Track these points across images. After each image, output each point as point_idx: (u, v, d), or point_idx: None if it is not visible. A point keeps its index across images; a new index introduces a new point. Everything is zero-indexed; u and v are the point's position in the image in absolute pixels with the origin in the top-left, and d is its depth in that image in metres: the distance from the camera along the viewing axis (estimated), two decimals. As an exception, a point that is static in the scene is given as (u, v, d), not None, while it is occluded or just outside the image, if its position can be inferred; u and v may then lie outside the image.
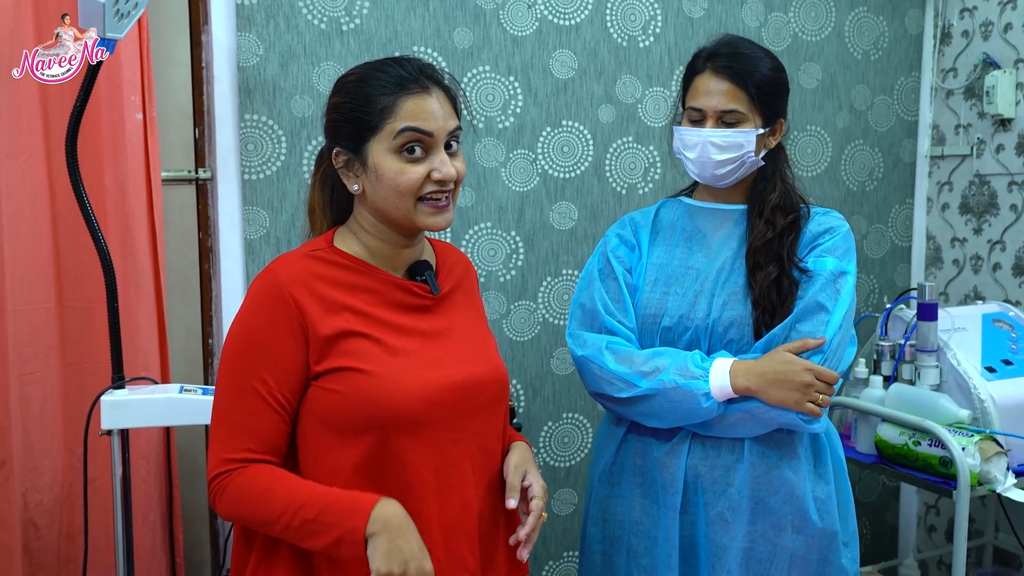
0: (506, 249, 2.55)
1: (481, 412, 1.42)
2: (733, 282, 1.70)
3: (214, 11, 2.25)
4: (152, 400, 1.90)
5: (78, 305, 2.17)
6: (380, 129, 1.33)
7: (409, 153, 1.33)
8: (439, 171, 1.34)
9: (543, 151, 2.55)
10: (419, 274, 1.43)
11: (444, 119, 1.35)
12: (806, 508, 1.67)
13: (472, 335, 1.48)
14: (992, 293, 2.82)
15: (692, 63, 1.74)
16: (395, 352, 1.34)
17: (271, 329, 1.32)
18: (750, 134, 1.67)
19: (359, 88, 1.36)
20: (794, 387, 1.57)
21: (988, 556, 2.79)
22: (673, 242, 1.79)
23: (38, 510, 2.14)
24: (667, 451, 1.70)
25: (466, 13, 2.44)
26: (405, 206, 1.34)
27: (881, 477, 3.01)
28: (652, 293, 1.74)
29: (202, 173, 2.35)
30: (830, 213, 1.76)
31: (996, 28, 2.76)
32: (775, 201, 1.71)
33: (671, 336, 1.72)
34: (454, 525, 1.36)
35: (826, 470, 1.72)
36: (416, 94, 1.34)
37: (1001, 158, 2.77)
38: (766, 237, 1.68)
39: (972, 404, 2.26)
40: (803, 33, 2.80)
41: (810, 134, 2.84)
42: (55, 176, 2.12)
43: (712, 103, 1.67)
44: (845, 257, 1.69)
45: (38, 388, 2.12)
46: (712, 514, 1.68)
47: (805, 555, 1.67)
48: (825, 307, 1.63)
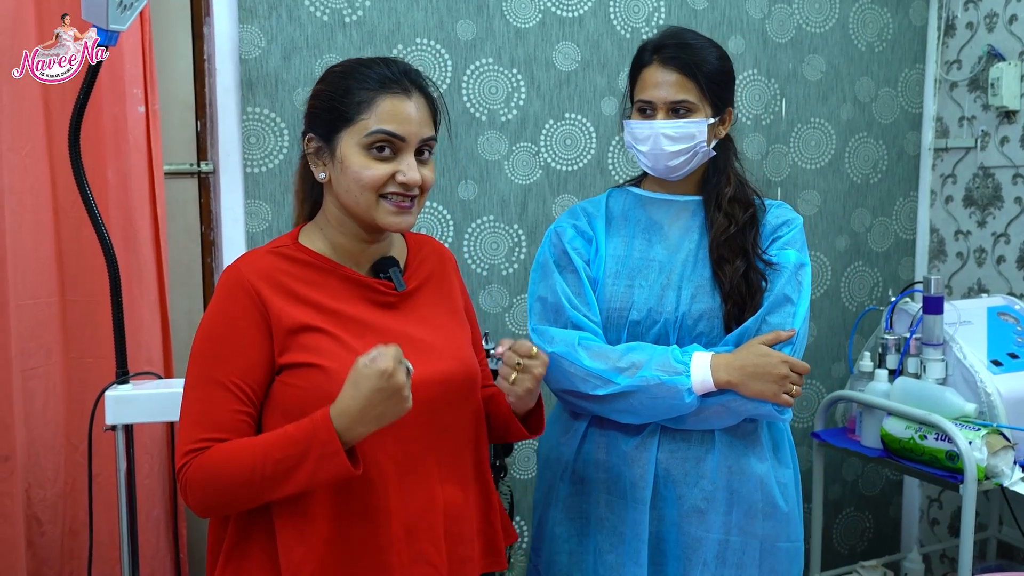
0: (508, 242, 2.54)
1: (448, 409, 1.41)
2: (699, 275, 1.70)
3: (216, 3, 2.23)
4: (156, 395, 1.89)
5: (80, 299, 2.16)
6: (353, 122, 1.34)
7: (378, 151, 1.34)
8: (404, 174, 1.34)
9: (546, 144, 2.54)
10: (383, 271, 1.43)
11: (419, 125, 1.36)
12: (773, 494, 1.70)
13: (440, 331, 1.46)
14: (996, 286, 2.81)
15: (638, 56, 1.73)
16: (354, 349, 1.31)
17: (235, 321, 1.32)
18: (701, 124, 1.67)
19: (342, 79, 1.38)
20: (772, 379, 1.59)
21: (992, 549, 2.79)
22: (630, 234, 1.77)
23: (41, 505, 2.13)
24: (636, 445, 1.69)
25: (469, 5, 2.43)
26: (366, 201, 1.34)
27: (884, 471, 3.01)
28: (616, 286, 1.73)
29: (204, 166, 2.33)
30: (782, 205, 1.78)
31: (1001, 20, 2.75)
32: (731, 193, 1.72)
33: (639, 330, 1.71)
34: (416, 520, 1.36)
35: (784, 454, 1.76)
36: (395, 95, 1.35)
37: (1006, 150, 2.76)
38: (729, 231, 1.69)
39: (978, 398, 2.26)
40: (807, 25, 2.78)
41: (814, 126, 2.83)
42: (57, 170, 2.10)
43: (661, 94, 1.66)
44: (803, 249, 1.72)
45: (41, 383, 2.11)
46: (686, 507, 1.68)
47: (774, 541, 1.70)
48: (791, 299, 1.66)
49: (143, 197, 2.17)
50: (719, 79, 1.70)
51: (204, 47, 2.29)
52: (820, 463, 2.55)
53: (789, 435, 1.80)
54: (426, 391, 1.35)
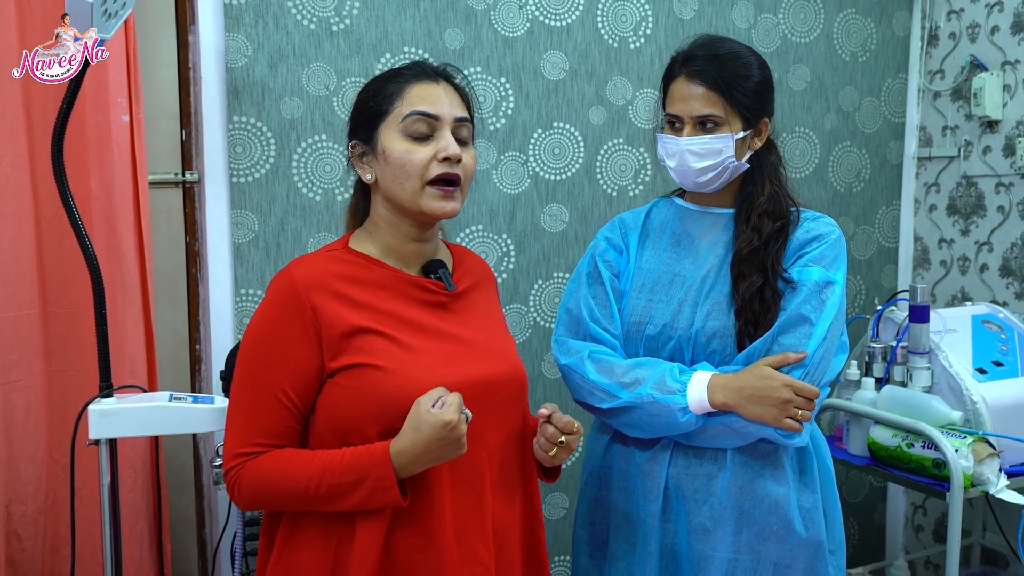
0: (497, 252, 2.52)
1: (498, 409, 1.42)
2: (718, 291, 1.67)
3: (201, 11, 2.21)
4: (141, 409, 1.86)
5: (62, 311, 2.13)
6: (389, 113, 1.39)
7: (417, 135, 1.38)
8: (445, 149, 1.37)
9: (534, 153, 2.53)
10: (433, 271, 1.45)
11: (450, 106, 1.40)
12: (790, 518, 1.65)
13: (490, 333, 1.49)
14: (979, 294, 2.83)
15: (669, 68, 1.70)
16: (410, 349, 1.35)
17: (283, 328, 1.34)
18: (727, 139, 1.63)
19: (374, 84, 1.45)
20: (772, 403, 1.54)
21: (976, 555, 2.80)
22: (661, 246, 1.76)
23: (22, 521, 2.10)
24: (648, 458, 1.69)
25: (457, 14, 2.42)
26: (412, 187, 1.37)
27: (869, 478, 3.02)
28: (637, 300, 1.72)
29: (189, 176, 2.31)
30: (821, 219, 1.71)
31: (983, 30, 2.77)
32: (763, 206, 1.66)
33: (654, 345, 1.69)
34: (467, 520, 1.37)
35: (812, 479, 1.69)
36: (422, 81, 1.41)
37: (988, 160, 2.78)
38: (752, 245, 1.64)
39: (964, 406, 2.27)
40: (792, 35, 2.80)
41: (798, 135, 2.84)
42: (39, 179, 2.07)
43: (688, 109, 1.64)
44: (833, 266, 1.63)
45: (22, 396, 2.08)
46: (694, 523, 1.66)
47: (790, 564, 1.65)
48: (808, 319, 1.58)
49: (127, 207, 2.14)
50: (751, 91, 1.64)
51: (189, 55, 2.27)
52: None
53: (824, 458, 1.74)
54: (479, 391, 1.37)
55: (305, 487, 1.30)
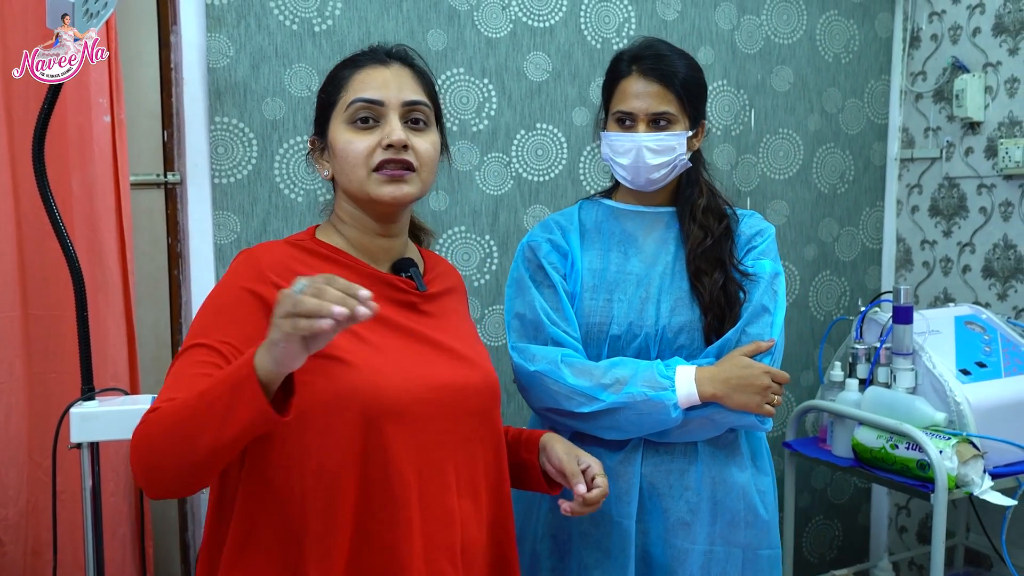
0: (480, 253, 2.52)
1: (469, 418, 1.35)
2: (677, 287, 1.70)
3: (183, 11, 2.19)
4: (124, 412, 1.85)
5: (43, 313, 2.11)
6: (336, 104, 1.35)
7: (362, 123, 1.32)
8: (388, 137, 1.31)
9: (517, 154, 2.53)
10: (404, 270, 1.40)
11: (398, 89, 1.34)
12: (754, 503, 1.70)
13: (462, 339, 1.42)
14: (962, 295, 2.84)
15: (615, 66, 1.72)
16: (377, 347, 1.28)
17: (240, 297, 1.26)
18: (681, 136, 1.67)
19: (330, 73, 1.40)
20: (755, 391, 1.61)
21: (959, 556, 2.81)
22: (605, 247, 1.76)
23: (3, 525, 2.08)
24: (620, 460, 1.68)
25: (440, 15, 2.41)
26: (358, 177, 1.32)
27: (852, 479, 3.03)
28: (594, 300, 1.72)
29: (171, 177, 2.29)
30: (754, 215, 1.79)
31: (965, 32, 2.78)
32: (704, 204, 1.72)
33: (619, 344, 1.70)
34: (435, 535, 1.29)
35: (763, 462, 1.77)
36: (369, 66, 1.35)
37: (970, 161, 2.79)
38: (705, 244, 1.70)
39: (948, 407, 2.28)
40: (775, 36, 2.80)
41: (782, 137, 2.85)
42: (19, 180, 2.05)
43: (642, 106, 1.66)
44: (776, 258, 1.73)
45: (3, 399, 2.06)
46: (672, 520, 1.67)
47: (756, 549, 1.70)
48: (768, 309, 1.67)
49: (109, 208, 2.12)
50: (696, 91, 1.70)
51: (171, 56, 2.25)
52: (792, 473, 2.55)
53: (766, 443, 1.81)
54: (448, 395, 1.32)
55: (183, 409, 1.11)
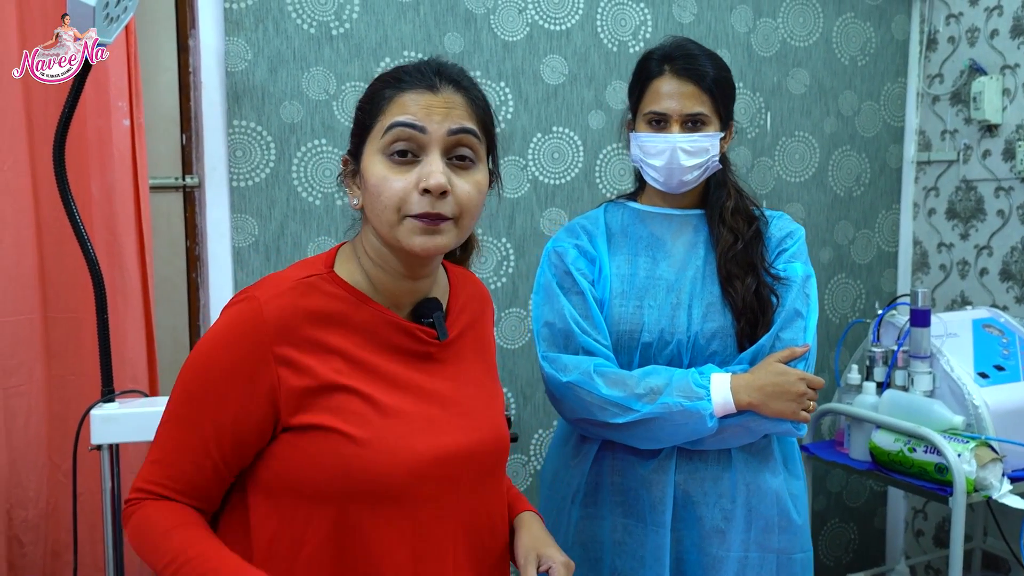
0: (497, 256, 2.52)
1: (474, 485, 1.25)
2: (708, 292, 1.67)
3: (202, 15, 2.21)
4: (142, 414, 1.85)
5: (63, 316, 2.12)
6: (373, 127, 1.17)
7: (400, 156, 1.14)
8: (426, 179, 1.12)
9: (533, 157, 2.53)
10: (426, 315, 1.24)
11: (445, 116, 1.15)
12: (787, 508, 1.68)
13: (476, 392, 1.30)
14: (979, 298, 2.83)
15: (644, 66, 1.69)
16: (385, 412, 1.17)
17: (234, 367, 1.14)
18: (714, 137, 1.65)
19: (373, 84, 1.22)
20: (791, 397, 1.57)
21: (977, 560, 2.80)
22: (633, 251, 1.72)
23: (23, 526, 2.09)
24: (653, 468, 1.66)
25: (457, 18, 2.42)
26: (388, 220, 1.15)
27: (868, 482, 3.02)
28: (624, 307, 1.68)
29: (189, 180, 2.30)
30: (783, 216, 1.76)
31: (982, 34, 2.77)
32: (732, 206, 1.70)
33: (651, 352, 1.66)
34: None
35: (795, 466, 1.74)
36: (416, 89, 1.16)
37: (988, 163, 2.78)
38: (736, 247, 1.67)
39: (966, 410, 2.27)
40: (791, 39, 2.80)
41: (798, 139, 2.85)
42: (39, 184, 2.06)
43: (676, 106, 1.63)
44: (807, 261, 1.70)
45: (23, 401, 2.07)
46: (708, 526, 1.66)
47: (790, 553, 1.68)
48: (801, 313, 1.64)
49: (128, 212, 2.13)
50: (727, 92, 1.68)
51: (190, 59, 2.27)
52: (809, 476, 2.54)
53: (797, 447, 1.79)
54: (454, 467, 1.21)
55: (166, 564, 1.11)
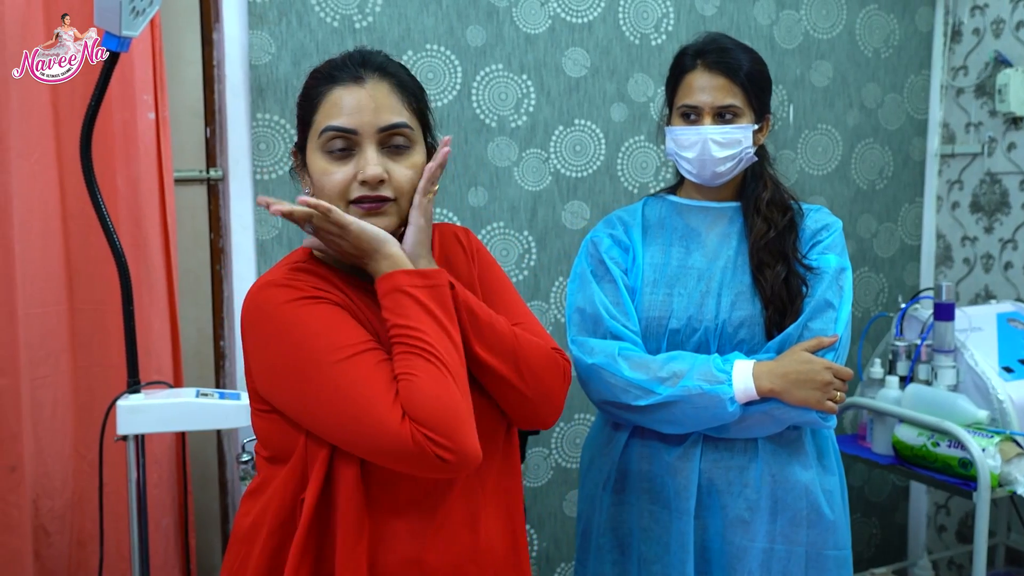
0: (519, 249, 2.52)
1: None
2: (739, 281, 1.69)
3: (226, 8, 2.21)
4: (169, 405, 1.87)
5: (89, 307, 2.14)
6: (310, 124, 1.26)
7: (338, 151, 1.23)
8: (362, 172, 1.22)
9: (555, 150, 2.53)
10: None
11: (374, 113, 1.23)
12: (818, 502, 1.68)
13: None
14: (1003, 292, 2.81)
15: (679, 61, 1.73)
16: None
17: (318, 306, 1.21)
18: (747, 129, 1.67)
19: (307, 82, 1.30)
20: (815, 386, 1.58)
21: (1000, 556, 2.78)
22: (667, 242, 1.76)
23: (49, 516, 2.11)
24: (679, 455, 1.68)
25: (479, 11, 2.42)
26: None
27: (891, 477, 3.00)
28: (654, 295, 1.72)
29: (213, 173, 2.31)
30: (821, 209, 1.77)
31: (1008, 26, 2.75)
32: (768, 197, 1.72)
33: (679, 338, 1.70)
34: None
35: (830, 461, 1.74)
36: (343, 84, 1.24)
37: (1013, 156, 2.76)
38: (768, 236, 1.69)
39: (990, 405, 2.26)
40: (814, 31, 2.78)
41: (821, 132, 2.83)
42: (66, 176, 2.08)
43: (708, 99, 1.66)
44: (843, 253, 1.71)
45: (49, 392, 2.09)
46: (730, 516, 1.67)
47: (820, 549, 1.68)
48: (832, 304, 1.64)
49: (153, 204, 2.15)
50: (761, 84, 1.70)
51: (214, 53, 2.28)
52: (831, 470, 2.53)
53: (834, 442, 1.78)
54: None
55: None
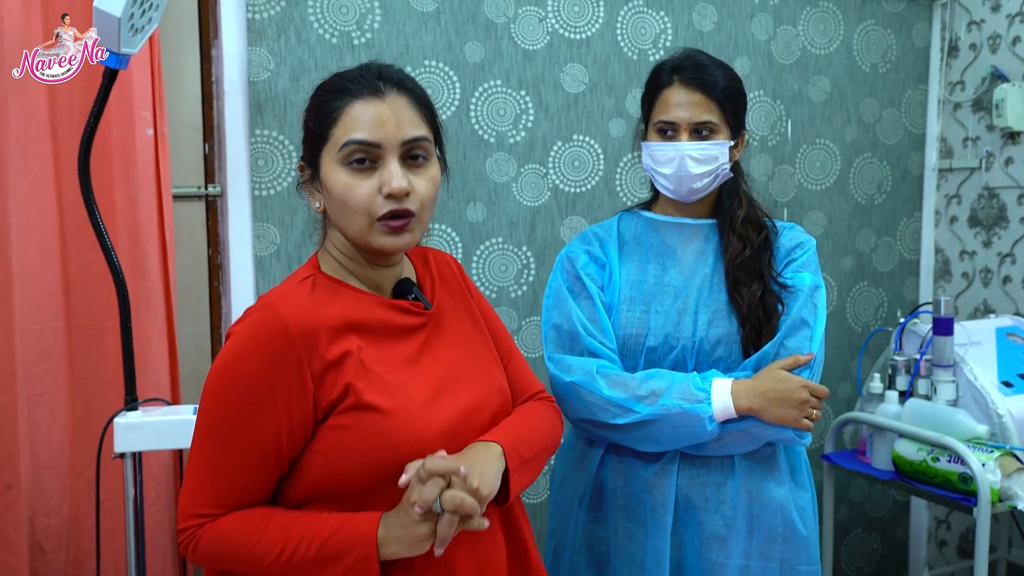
0: (517, 264, 2.52)
1: (481, 432, 1.32)
2: (715, 299, 1.69)
3: (224, 25, 2.21)
4: (167, 422, 1.86)
5: (87, 324, 2.13)
6: (328, 139, 1.25)
7: (359, 164, 1.22)
8: (388, 184, 1.22)
9: (554, 166, 2.53)
10: (408, 292, 1.34)
11: (397, 126, 1.23)
12: (792, 519, 1.68)
13: (471, 351, 1.39)
14: (1002, 306, 2.81)
15: (655, 77, 1.72)
16: (404, 384, 1.25)
17: (270, 377, 1.19)
18: (724, 146, 1.67)
19: (317, 95, 1.30)
20: (792, 404, 1.59)
21: (1001, 571, 2.77)
22: (644, 259, 1.75)
23: (45, 534, 2.10)
24: (656, 472, 1.68)
25: (477, 27, 2.42)
26: (359, 224, 1.24)
27: (891, 492, 2.99)
28: (631, 312, 1.71)
29: (212, 189, 2.31)
30: (795, 227, 1.78)
31: (1004, 41, 2.76)
32: (743, 215, 1.72)
33: (656, 356, 1.69)
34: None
35: (803, 477, 1.75)
36: (363, 99, 1.24)
37: (1011, 170, 2.76)
38: (744, 254, 1.69)
39: (990, 419, 2.25)
40: (812, 46, 2.79)
41: (819, 147, 2.83)
42: (64, 193, 2.08)
43: (684, 115, 1.66)
44: (817, 271, 1.71)
45: (46, 409, 2.08)
46: (707, 533, 1.66)
47: (794, 565, 1.68)
48: (807, 322, 1.65)
49: (151, 220, 2.15)
50: (737, 101, 1.70)
51: (212, 69, 2.28)
52: (831, 485, 2.53)
53: (805, 458, 1.79)
54: (467, 421, 1.30)
55: (276, 556, 1.17)
